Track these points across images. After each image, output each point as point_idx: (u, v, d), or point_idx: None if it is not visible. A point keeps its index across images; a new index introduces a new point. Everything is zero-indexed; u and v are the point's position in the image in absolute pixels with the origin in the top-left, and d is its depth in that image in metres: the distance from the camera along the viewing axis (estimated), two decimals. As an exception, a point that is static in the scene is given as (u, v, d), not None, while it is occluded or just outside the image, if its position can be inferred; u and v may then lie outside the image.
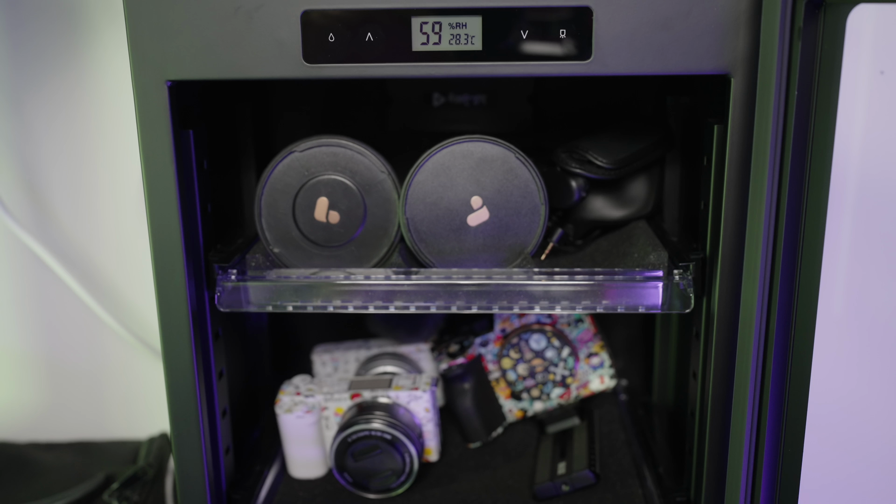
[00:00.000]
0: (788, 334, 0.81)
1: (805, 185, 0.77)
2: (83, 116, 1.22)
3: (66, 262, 1.27)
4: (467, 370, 1.06)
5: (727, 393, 0.84)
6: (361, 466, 0.95)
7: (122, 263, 1.29)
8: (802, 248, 0.78)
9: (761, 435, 0.84)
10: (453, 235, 0.87)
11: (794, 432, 0.83)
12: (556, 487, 0.96)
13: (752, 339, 0.81)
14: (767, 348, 0.81)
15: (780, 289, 0.80)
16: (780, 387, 0.82)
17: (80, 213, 1.26)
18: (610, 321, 1.19)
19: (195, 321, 0.84)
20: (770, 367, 0.82)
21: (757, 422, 0.83)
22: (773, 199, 0.78)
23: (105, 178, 1.25)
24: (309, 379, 1.04)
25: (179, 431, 0.86)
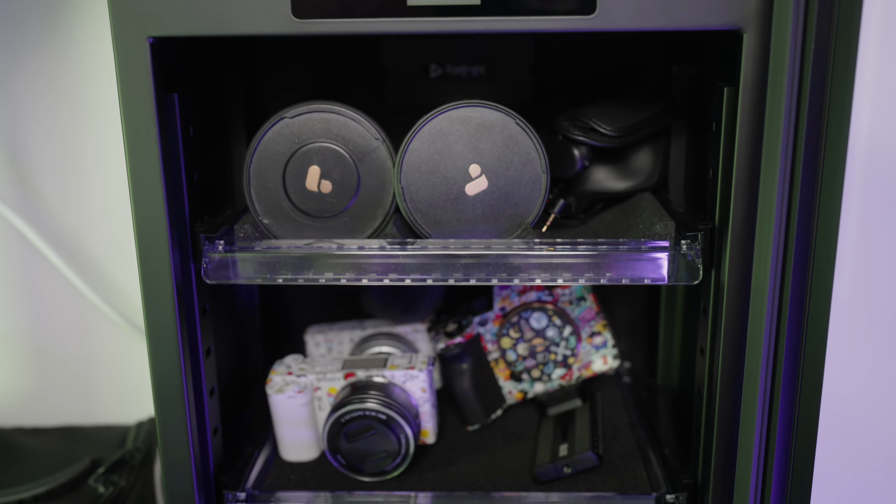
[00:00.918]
0: (803, 308, 0.77)
1: (822, 150, 0.73)
2: (70, 94, 1.19)
3: (54, 243, 1.23)
4: (465, 350, 1.03)
5: (737, 370, 0.80)
6: (355, 448, 0.91)
7: (110, 245, 1.25)
8: (818, 217, 0.75)
9: (773, 414, 0.80)
10: (451, 205, 0.83)
11: (808, 411, 0.80)
12: (558, 469, 0.92)
13: (764, 312, 0.77)
14: (780, 322, 0.78)
15: (795, 260, 0.76)
16: (793, 363, 0.79)
17: (68, 193, 1.22)
18: (612, 302, 1.15)
19: (180, 294, 0.80)
20: (783, 342, 0.78)
21: (769, 400, 0.80)
22: (787, 164, 0.74)
23: (93, 157, 1.21)
24: (301, 359, 1.00)
25: (164, 410, 0.83)
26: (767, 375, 0.79)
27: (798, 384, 0.79)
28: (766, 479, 0.82)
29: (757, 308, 0.77)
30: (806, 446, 0.80)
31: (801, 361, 0.78)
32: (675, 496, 0.87)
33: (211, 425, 0.89)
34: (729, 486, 0.82)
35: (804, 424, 0.80)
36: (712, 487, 0.84)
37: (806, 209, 0.74)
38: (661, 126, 0.91)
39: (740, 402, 0.80)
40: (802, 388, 0.79)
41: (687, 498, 0.87)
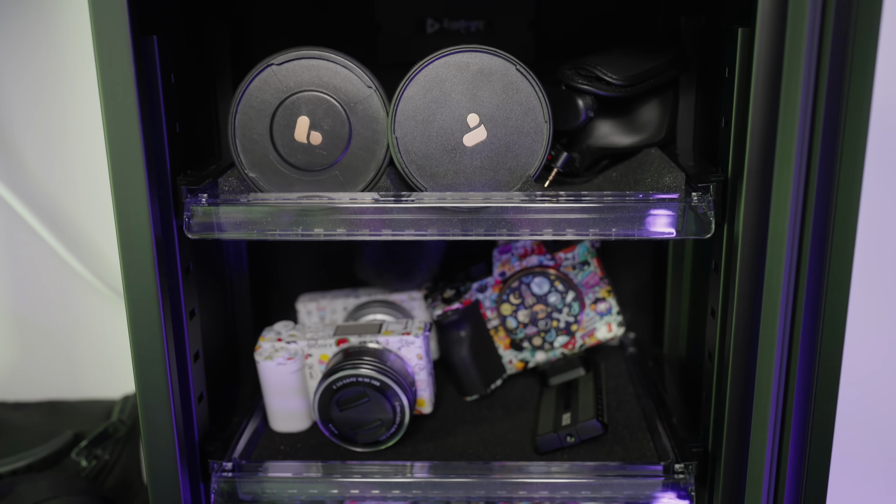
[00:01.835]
0: (823, 262, 0.73)
1: (845, 91, 0.68)
2: (51, 60, 1.14)
3: (36, 210, 1.18)
4: (463, 316, 0.98)
5: (752, 330, 0.75)
6: (348, 416, 0.87)
7: (93, 212, 1.20)
8: (841, 164, 0.70)
9: (791, 375, 0.76)
10: (447, 157, 0.78)
11: (828, 372, 0.75)
12: (561, 439, 0.87)
13: (781, 267, 0.73)
14: (799, 278, 0.73)
15: (815, 211, 0.71)
16: (812, 321, 0.74)
17: (50, 159, 1.18)
18: (617, 270, 1.11)
19: (160, 251, 0.76)
20: (801, 299, 0.73)
21: (787, 361, 0.75)
22: (807, 109, 0.69)
23: (75, 123, 1.17)
24: (292, 325, 0.95)
25: (144, 373, 0.78)
26: (785, 335, 0.74)
27: (818, 343, 0.74)
28: (782, 444, 0.77)
29: (774, 263, 0.73)
30: (826, 408, 0.76)
31: (820, 319, 0.74)
32: (685, 465, 0.82)
33: (195, 392, 0.84)
34: (743, 453, 0.78)
35: (824, 386, 0.75)
36: (724, 456, 0.79)
37: (827, 156, 0.70)
38: (670, 77, 0.86)
39: (755, 364, 0.76)
40: (822, 347, 0.74)
41: (697, 467, 0.83)
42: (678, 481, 0.82)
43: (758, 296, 0.74)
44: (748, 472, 0.78)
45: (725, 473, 0.80)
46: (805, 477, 0.78)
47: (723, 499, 0.81)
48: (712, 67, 0.85)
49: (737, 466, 0.79)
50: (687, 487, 0.82)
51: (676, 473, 0.82)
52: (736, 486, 0.79)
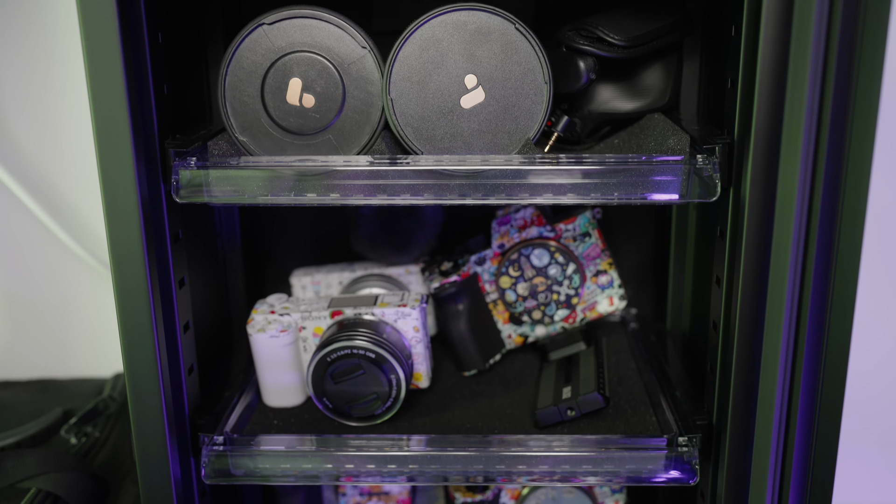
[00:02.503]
0: (833, 226, 0.70)
1: (857, 47, 0.66)
2: (39, 32, 1.11)
3: (26, 186, 1.16)
4: (461, 289, 0.96)
5: (759, 298, 0.73)
6: (342, 390, 0.84)
7: (84, 188, 1.18)
8: (853, 123, 0.67)
9: (799, 344, 0.73)
10: (444, 119, 0.76)
11: (837, 340, 0.73)
12: (561, 413, 0.85)
13: (790, 234, 0.70)
14: (808, 244, 0.71)
15: (826, 172, 0.69)
16: (822, 288, 0.72)
17: (40, 135, 1.15)
18: (618, 245, 1.08)
19: (147, 216, 0.73)
20: (811, 264, 0.71)
21: (795, 329, 0.73)
22: (818, 67, 0.67)
23: (65, 97, 1.14)
24: (285, 298, 0.93)
25: (130, 343, 0.76)
26: (793, 302, 0.72)
27: (827, 310, 0.72)
28: (790, 416, 0.75)
29: (782, 228, 0.70)
30: (835, 377, 0.73)
31: (830, 285, 0.71)
32: (689, 438, 0.80)
33: (185, 364, 0.82)
34: (749, 425, 0.76)
35: (834, 354, 0.73)
36: (729, 428, 0.77)
37: (839, 114, 0.67)
38: (673, 40, 0.84)
39: (762, 333, 0.73)
40: (832, 314, 0.72)
41: (701, 440, 0.80)
42: (681, 454, 0.80)
43: (765, 262, 0.72)
44: (754, 444, 0.76)
45: (731, 446, 0.77)
46: (813, 449, 0.76)
47: (728, 472, 0.78)
48: (718, 29, 0.82)
49: (742, 439, 0.77)
50: (691, 461, 0.80)
51: (680, 446, 0.80)
52: (741, 460, 0.77)
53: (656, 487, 1.10)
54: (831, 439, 0.76)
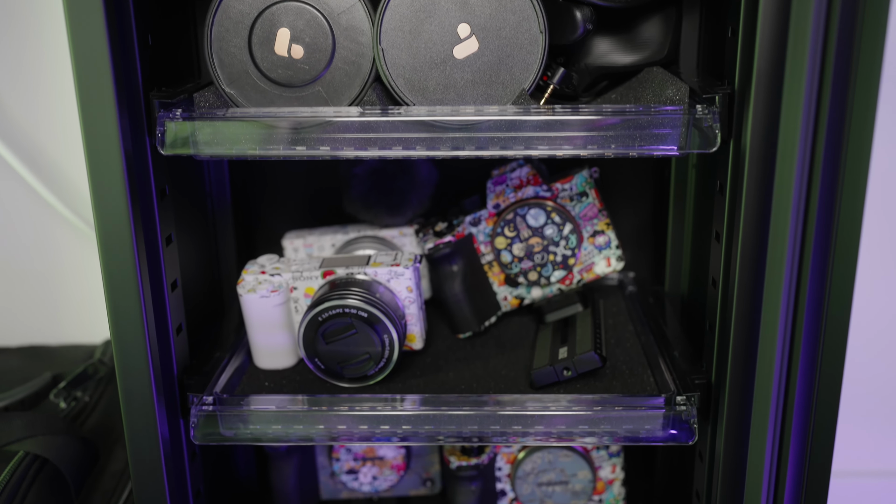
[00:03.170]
0: (836, 179, 0.68)
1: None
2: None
3: (11, 147, 1.14)
4: (456, 250, 0.94)
5: (759, 254, 0.71)
6: (334, 350, 0.83)
7: (70, 149, 1.16)
8: (857, 71, 0.65)
9: (800, 300, 0.71)
10: (437, 70, 0.74)
11: (840, 295, 0.71)
12: (557, 373, 0.83)
13: (791, 187, 0.68)
14: (810, 197, 0.69)
15: (829, 122, 0.67)
16: (823, 243, 0.70)
17: (26, 97, 1.13)
18: (615, 208, 1.06)
19: (132, 170, 0.71)
20: (812, 218, 0.69)
21: (796, 284, 0.71)
22: (821, 11, 0.64)
23: (51, 59, 1.12)
24: (276, 258, 0.91)
25: (115, 300, 0.74)
26: (794, 256, 0.70)
27: (829, 265, 0.70)
28: (790, 373, 0.73)
29: (783, 180, 0.68)
30: (837, 332, 0.72)
31: (833, 239, 0.69)
32: (687, 397, 0.79)
33: (174, 323, 0.80)
34: (748, 384, 0.74)
35: (835, 310, 0.71)
36: (728, 387, 0.76)
37: (842, 61, 0.65)
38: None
39: (762, 289, 0.71)
40: (834, 268, 0.70)
41: (699, 398, 0.79)
42: (680, 413, 0.78)
43: (765, 216, 0.70)
44: (754, 403, 0.74)
45: (730, 405, 0.76)
46: (814, 408, 0.74)
47: (726, 432, 0.77)
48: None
49: (742, 398, 0.75)
50: (689, 420, 0.78)
51: (678, 405, 0.78)
52: (741, 419, 0.76)
53: (654, 451, 1.09)
54: (832, 398, 0.74)
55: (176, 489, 0.81)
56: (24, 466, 0.85)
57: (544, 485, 1.00)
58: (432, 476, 1.09)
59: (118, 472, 0.97)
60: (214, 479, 0.96)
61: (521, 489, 1.00)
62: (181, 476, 0.83)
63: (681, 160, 0.96)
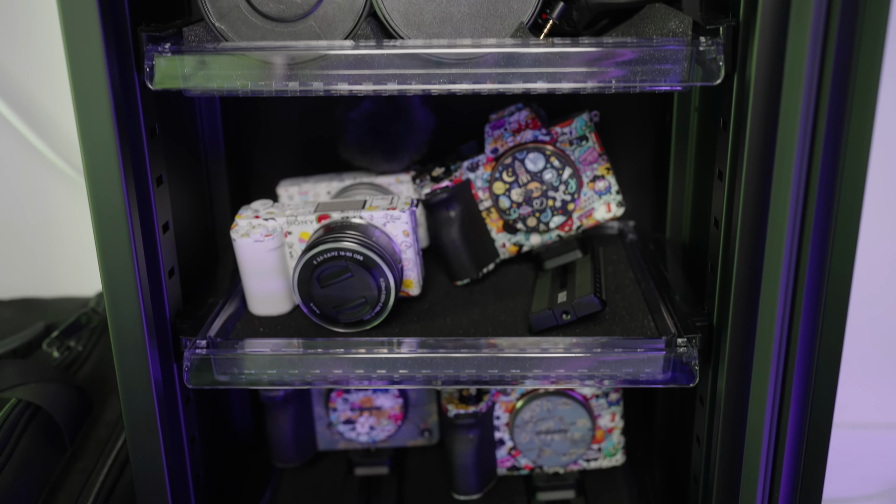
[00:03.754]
0: (842, 113, 0.66)
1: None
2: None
3: (4, 98, 1.11)
4: (453, 195, 0.92)
5: (763, 191, 0.69)
6: (329, 294, 0.81)
7: (62, 97, 1.13)
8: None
9: (804, 239, 0.70)
10: (433, 3, 0.72)
11: (845, 232, 0.69)
12: (556, 316, 0.82)
13: (797, 121, 0.67)
14: (816, 131, 0.67)
15: (836, 56, 0.65)
16: (829, 179, 0.68)
17: (12, 43, 1.10)
18: (615, 156, 1.04)
19: (120, 107, 0.69)
20: (818, 154, 0.67)
21: (801, 222, 0.69)
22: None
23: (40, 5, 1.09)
24: (270, 203, 0.89)
25: (105, 242, 0.72)
26: (799, 194, 0.68)
27: (835, 201, 0.68)
28: (794, 312, 0.72)
29: (788, 115, 0.67)
30: (842, 269, 0.70)
31: (839, 175, 0.68)
32: (687, 339, 0.77)
33: (165, 266, 0.79)
34: (750, 326, 0.73)
35: (840, 247, 0.70)
36: (730, 329, 0.74)
37: None
38: (676, -76, 0.79)
39: (765, 227, 0.70)
40: (840, 204, 0.68)
41: (700, 340, 0.78)
42: (680, 356, 0.77)
43: (769, 151, 0.68)
44: (756, 345, 0.73)
45: (731, 348, 0.75)
46: (818, 349, 0.73)
47: (728, 375, 0.76)
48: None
49: (743, 340, 0.74)
50: (690, 362, 0.77)
51: (679, 347, 0.77)
52: (742, 362, 0.74)
53: (654, 400, 1.08)
54: (835, 342, 0.73)
55: (170, 435, 0.80)
56: (16, 413, 0.84)
57: (543, 433, 0.99)
58: (430, 426, 1.08)
59: (113, 421, 0.96)
60: (210, 430, 0.95)
61: (520, 438, 0.99)
62: (175, 422, 0.82)
63: (683, 103, 0.94)
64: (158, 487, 0.81)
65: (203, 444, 0.91)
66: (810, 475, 0.78)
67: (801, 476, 0.78)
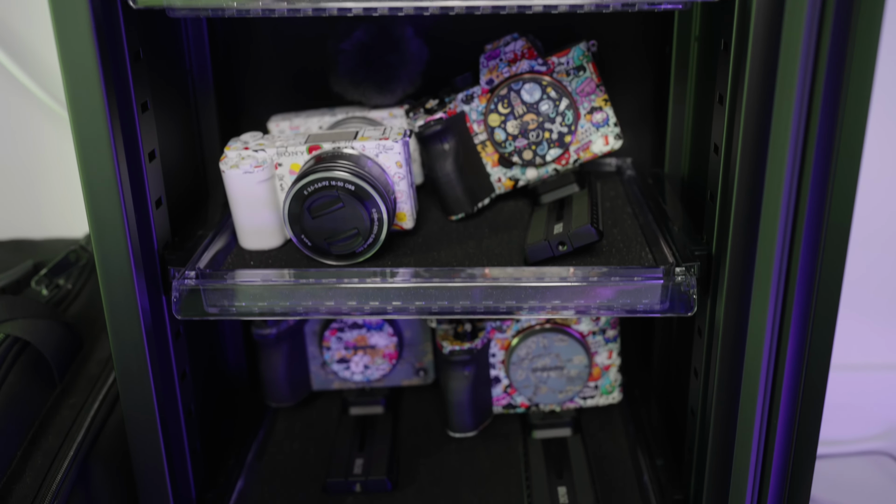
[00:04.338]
0: (848, 30, 0.64)
1: None
2: None
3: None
4: (448, 127, 0.90)
5: (765, 113, 0.67)
6: (320, 225, 0.80)
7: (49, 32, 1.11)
8: None
9: (806, 163, 0.68)
10: (425, -81, 0.69)
11: (848, 158, 0.68)
12: (552, 247, 0.80)
13: (799, 42, 0.65)
14: (820, 49, 0.65)
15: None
16: (833, 101, 0.66)
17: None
18: (614, 90, 1.02)
19: (101, 29, 0.67)
20: (822, 76, 0.65)
21: (803, 148, 0.68)
22: None
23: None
24: (260, 135, 0.87)
25: (90, 170, 0.70)
26: (801, 115, 0.66)
27: (837, 125, 0.66)
28: (793, 242, 0.70)
29: (791, 33, 0.64)
30: (845, 193, 0.68)
31: (842, 97, 0.66)
32: (686, 267, 0.76)
33: (152, 196, 0.77)
34: (750, 252, 0.71)
35: (843, 175, 0.68)
36: (729, 257, 0.73)
37: None
38: None
39: (766, 152, 0.68)
40: (843, 129, 0.67)
41: (699, 269, 0.76)
42: (678, 285, 0.76)
43: (771, 72, 0.66)
44: (755, 273, 0.72)
45: (730, 276, 0.73)
46: (818, 276, 0.72)
47: (727, 304, 0.74)
48: None
49: (743, 269, 0.72)
50: (688, 291, 0.76)
51: (677, 276, 0.76)
52: (741, 291, 0.73)
53: (652, 339, 1.07)
54: (835, 272, 0.71)
55: (160, 368, 0.79)
56: (3, 348, 0.83)
57: (539, 370, 0.98)
58: (425, 366, 1.07)
59: (104, 359, 0.95)
60: (202, 368, 0.94)
61: (516, 375, 0.98)
62: (165, 355, 0.81)
63: (683, 32, 0.92)
64: (149, 421, 0.80)
65: (195, 381, 0.90)
66: (808, 408, 0.77)
67: (799, 410, 0.77)
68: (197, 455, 0.90)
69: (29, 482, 0.76)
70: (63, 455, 0.79)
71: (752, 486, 0.80)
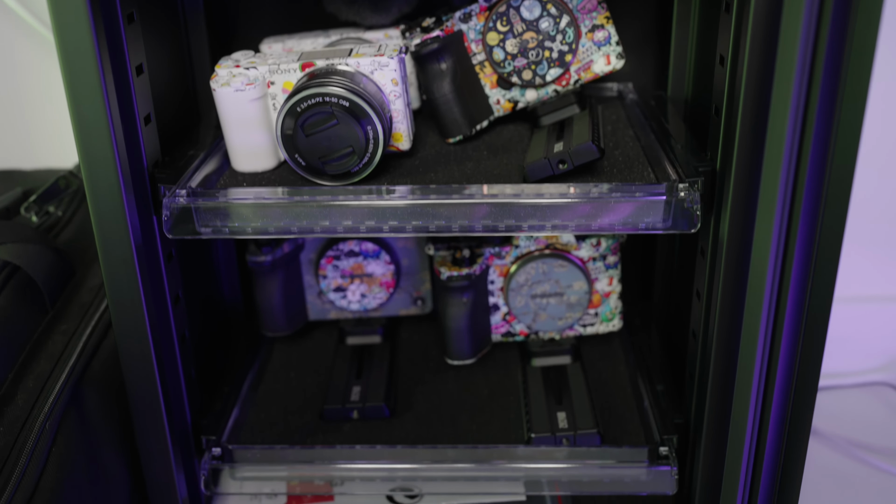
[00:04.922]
0: None
1: None
2: None
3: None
4: (445, 46, 0.87)
5: (774, 17, 0.65)
6: (314, 143, 0.77)
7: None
8: None
9: (814, 83, 0.65)
10: None
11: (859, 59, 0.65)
12: (552, 165, 0.78)
13: None
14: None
15: None
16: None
17: None
18: (616, 9, 0.99)
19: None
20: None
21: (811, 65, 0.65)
22: None
23: None
24: (251, 54, 0.85)
25: (75, 86, 0.68)
26: (811, 20, 0.64)
27: (849, 31, 0.64)
28: (800, 159, 0.68)
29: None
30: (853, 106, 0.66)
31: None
32: (689, 183, 0.74)
33: (141, 112, 0.75)
34: (755, 169, 0.69)
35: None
36: (735, 171, 0.71)
37: None
38: None
39: (774, 59, 0.66)
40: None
41: (703, 185, 0.74)
42: (682, 201, 0.74)
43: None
44: (760, 189, 0.70)
45: (735, 191, 0.71)
46: (825, 195, 0.70)
47: (731, 221, 0.73)
48: None
49: (748, 184, 0.71)
50: (692, 206, 0.74)
51: (680, 192, 0.74)
52: (746, 206, 0.71)
53: (653, 269, 1.05)
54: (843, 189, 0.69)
55: (152, 290, 0.78)
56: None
57: (538, 297, 0.97)
58: (423, 295, 1.06)
59: (96, 287, 0.93)
60: (196, 295, 0.93)
61: (515, 302, 0.97)
62: (157, 277, 0.79)
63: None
64: (142, 345, 0.78)
65: (189, 308, 0.88)
66: (812, 328, 0.75)
67: (803, 333, 0.76)
68: (192, 382, 0.89)
69: (21, 404, 0.75)
70: (55, 378, 0.78)
71: (754, 410, 0.79)
